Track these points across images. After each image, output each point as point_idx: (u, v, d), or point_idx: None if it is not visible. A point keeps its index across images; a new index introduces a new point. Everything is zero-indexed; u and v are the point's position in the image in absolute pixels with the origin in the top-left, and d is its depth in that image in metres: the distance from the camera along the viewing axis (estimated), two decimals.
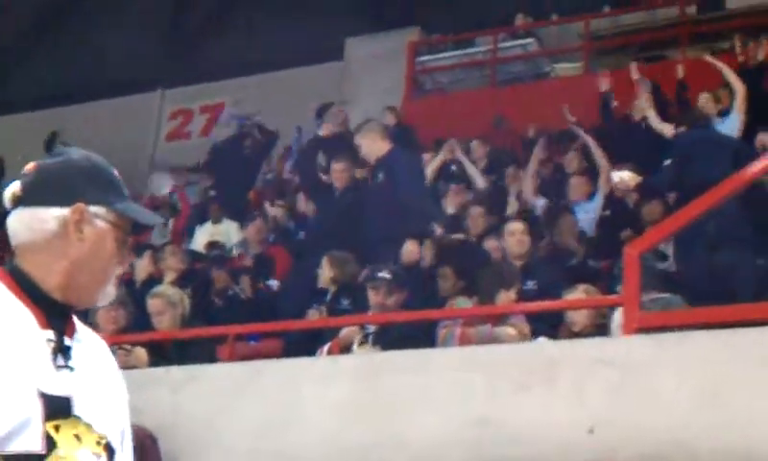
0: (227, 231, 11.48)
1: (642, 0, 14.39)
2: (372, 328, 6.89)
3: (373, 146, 8.78)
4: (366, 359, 6.25)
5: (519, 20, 14.61)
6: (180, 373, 6.46)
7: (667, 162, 8.37)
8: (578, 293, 6.58)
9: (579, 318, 6.53)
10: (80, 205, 2.15)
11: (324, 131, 11.07)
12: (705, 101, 10.31)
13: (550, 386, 5.60)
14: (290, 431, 5.89)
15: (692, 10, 13.78)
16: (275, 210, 11.20)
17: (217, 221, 11.66)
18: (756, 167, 6.38)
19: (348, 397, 5.91)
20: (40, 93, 17.61)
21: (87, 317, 5.56)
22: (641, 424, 5.28)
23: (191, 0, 17.51)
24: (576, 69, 14.33)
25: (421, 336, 6.70)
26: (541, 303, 6.61)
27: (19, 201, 2.17)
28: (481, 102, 13.87)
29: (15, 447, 2.02)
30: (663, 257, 7.68)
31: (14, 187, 2.19)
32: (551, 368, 5.66)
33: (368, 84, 15.09)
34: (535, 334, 6.57)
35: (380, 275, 7.19)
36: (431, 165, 11.40)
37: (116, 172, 2.27)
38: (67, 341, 2.15)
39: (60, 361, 2.12)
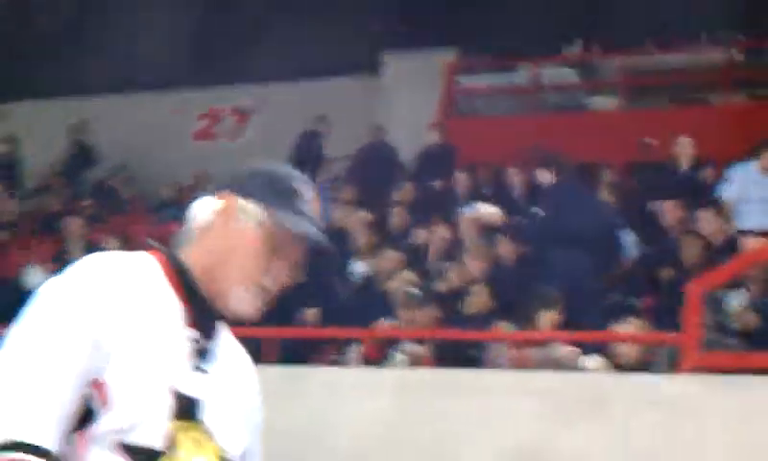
0: None
1: (687, 41, 14.25)
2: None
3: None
4: (412, 375, 6.10)
5: (562, 51, 14.52)
6: None
7: (539, 212, 8.26)
8: (629, 326, 6.45)
9: (628, 351, 6.40)
10: (231, 195, 2.06)
11: None
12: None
13: (599, 418, 5.49)
14: (331, 440, 5.76)
15: (739, 56, 13.65)
16: None
17: None
18: None
19: (390, 412, 5.78)
20: (68, 84, 17.55)
21: None
22: None
23: (226, 4, 17.42)
24: (613, 104, 14.20)
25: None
26: (596, 332, 6.44)
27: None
28: (517, 128, 13.73)
29: (136, 438, 1.91)
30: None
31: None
32: (603, 400, 5.55)
33: (402, 101, 14.97)
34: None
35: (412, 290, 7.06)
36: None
37: (306, 187, 2.11)
38: (210, 344, 2.05)
39: (198, 362, 2.02)
